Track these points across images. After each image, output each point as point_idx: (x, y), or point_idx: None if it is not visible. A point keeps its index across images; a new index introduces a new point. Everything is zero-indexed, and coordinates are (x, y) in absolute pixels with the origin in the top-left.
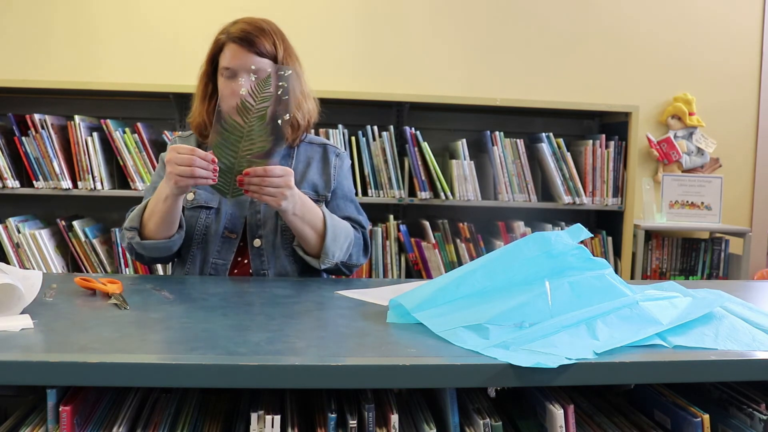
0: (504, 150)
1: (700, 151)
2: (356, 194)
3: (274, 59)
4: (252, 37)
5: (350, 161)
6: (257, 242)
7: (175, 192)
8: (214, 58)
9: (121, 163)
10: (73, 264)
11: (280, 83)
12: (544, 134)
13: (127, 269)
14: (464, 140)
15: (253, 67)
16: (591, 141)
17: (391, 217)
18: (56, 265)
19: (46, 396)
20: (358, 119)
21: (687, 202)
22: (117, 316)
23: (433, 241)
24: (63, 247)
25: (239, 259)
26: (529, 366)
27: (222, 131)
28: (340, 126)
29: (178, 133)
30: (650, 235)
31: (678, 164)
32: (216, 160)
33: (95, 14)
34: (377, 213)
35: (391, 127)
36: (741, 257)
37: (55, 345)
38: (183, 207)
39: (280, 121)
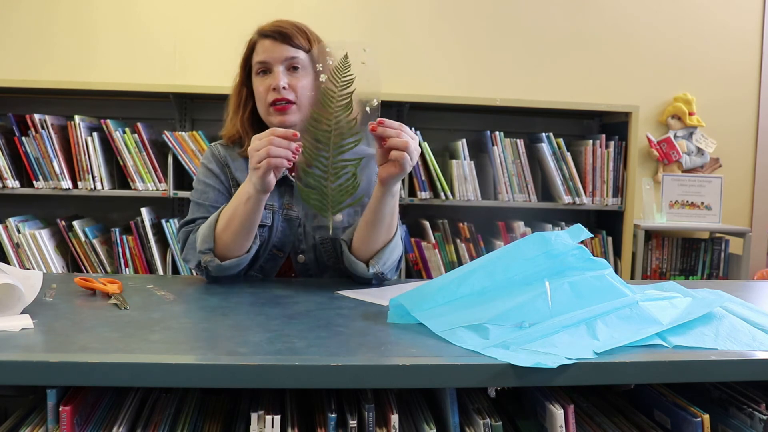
0: (504, 150)
1: (700, 151)
2: None
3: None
4: (284, 30)
5: None
6: (301, 258)
7: (258, 186)
8: (248, 61)
9: (121, 163)
10: (73, 264)
11: (362, 62)
12: (544, 134)
13: (127, 269)
14: (464, 140)
15: (291, 56)
16: (591, 141)
17: None
18: (56, 265)
19: (46, 396)
20: None
21: (687, 202)
22: (117, 316)
23: (433, 241)
24: (63, 247)
25: (286, 273)
26: (529, 366)
27: (309, 129)
28: None
29: (215, 144)
30: (650, 235)
31: (678, 164)
32: (297, 135)
33: (95, 14)
34: None
35: None
36: (741, 257)
37: (55, 345)
38: None
39: (368, 108)
